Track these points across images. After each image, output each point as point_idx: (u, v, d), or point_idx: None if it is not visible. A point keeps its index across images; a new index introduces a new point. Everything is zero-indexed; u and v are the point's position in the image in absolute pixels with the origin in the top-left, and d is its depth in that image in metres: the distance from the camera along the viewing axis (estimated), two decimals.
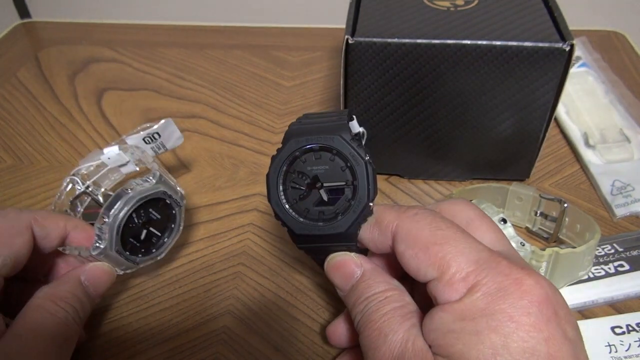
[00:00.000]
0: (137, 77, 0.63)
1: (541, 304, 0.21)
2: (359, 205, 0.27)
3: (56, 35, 0.72)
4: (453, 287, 0.23)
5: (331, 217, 0.28)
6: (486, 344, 0.21)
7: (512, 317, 0.21)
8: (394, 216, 0.26)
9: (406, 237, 0.25)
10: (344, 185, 0.28)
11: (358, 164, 0.27)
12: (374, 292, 0.26)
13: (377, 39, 0.38)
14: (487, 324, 0.21)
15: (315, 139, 0.28)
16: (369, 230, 0.27)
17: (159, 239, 0.37)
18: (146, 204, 0.35)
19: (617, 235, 0.41)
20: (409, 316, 0.24)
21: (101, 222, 0.33)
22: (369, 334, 0.25)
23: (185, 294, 0.38)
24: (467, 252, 0.23)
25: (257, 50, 0.67)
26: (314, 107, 0.57)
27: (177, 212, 0.37)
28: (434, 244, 0.24)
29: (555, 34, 0.38)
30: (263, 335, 0.35)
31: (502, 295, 0.22)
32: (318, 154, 0.28)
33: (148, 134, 0.39)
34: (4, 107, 0.58)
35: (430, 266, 0.24)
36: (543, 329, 0.21)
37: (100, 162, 0.38)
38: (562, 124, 0.52)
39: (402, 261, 0.25)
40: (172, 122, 0.41)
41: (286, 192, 0.29)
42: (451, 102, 0.40)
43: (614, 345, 0.33)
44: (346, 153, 0.27)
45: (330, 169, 0.28)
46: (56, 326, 0.29)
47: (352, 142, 0.27)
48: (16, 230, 0.30)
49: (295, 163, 0.29)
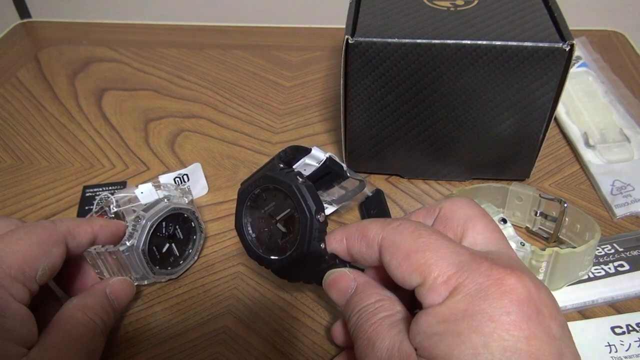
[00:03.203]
0: (137, 77, 0.63)
1: (522, 302, 0.22)
2: (305, 223, 0.28)
3: (56, 35, 0.72)
4: (436, 291, 0.23)
5: (294, 242, 0.29)
6: (467, 345, 0.21)
7: (492, 317, 0.21)
8: (379, 229, 0.27)
9: (390, 247, 0.26)
10: (291, 210, 0.30)
11: (288, 188, 0.29)
12: (365, 303, 0.27)
13: (377, 39, 0.38)
14: (467, 325, 0.22)
15: (255, 183, 0.31)
16: (357, 245, 0.28)
17: (177, 259, 0.39)
18: (175, 217, 0.38)
19: (617, 235, 0.41)
20: (396, 323, 0.25)
21: (136, 221, 0.35)
22: (360, 343, 0.26)
23: (185, 294, 0.38)
24: (447, 256, 0.24)
25: (257, 50, 0.67)
26: (314, 107, 0.57)
27: (197, 238, 0.40)
28: (416, 251, 0.24)
29: (555, 34, 0.38)
30: (263, 335, 0.35)
31: (483, 296, 0.22)
32: (263, 195, 0.31)
33: (179, 174, 0.44)
34: (4, 107, 0.58)
35: (413, 273, 0.24)
36: (524, 328, 0.21)
37: (134, 196, 0.40)
38: (562, 124, 0.52)
39: (389, 272, 0.26)
40: (200, 167, 0.45)
41: (258, 239, 0.32)
42: (451, 102, 0.40)
43: (614, 345, 0.33)
44: (278, 182, 0.30)
45: (276, 203, 0.30)
46: (88, 336, 0.30)
47: (280, 172, 0.30)
48: (53, 240, 0.31)
49: (253, 212, 0.32)
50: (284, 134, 0.53)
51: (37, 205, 0.46)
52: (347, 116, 0.43)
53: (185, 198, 0.39)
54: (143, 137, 0.53)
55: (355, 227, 0.28)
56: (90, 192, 0.47)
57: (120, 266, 0.36)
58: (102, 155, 0.51)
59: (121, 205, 0.40)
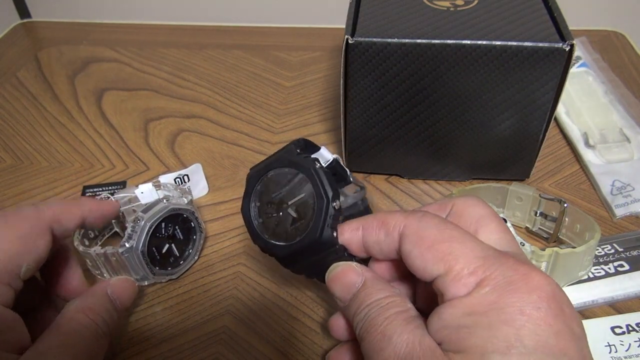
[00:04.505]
0: (137, 77, 0.63)
1: (549, 299, 0.22)
2: (320, 207, 0.28)
3: (56, 35, 0.72)
4: (461, 282, 0.23)
5: (305, 229, 0.29)
6: (499, 337, 0.21)
7: (522, 311, 0.21)
8: (401, 218, 0.26)
9: (413, 236, 0.25)
10: (305, 196, 0.29)
11: (307, 172, 0.28)
12: (376, 297, 0.26)
13: (377, 39, 0.38)
14: (498, 317, 0.21)
15: (268, 166, 0.30)
16: (375, 233, 0.27)
17: (177, 260, 0.39)
18: (174, 218, 0.38)
19: (617, 235, 0.41)
20: (412, 319, 0.24)
21: (135, 222, 0.35)
22: (371, 338, 0.25)
23: (185, 294, 0.38)
24: (474, 248, 0.24)
25: (257, 50, 0.67)
26: (314, 107, 0.57)
27: (197, 239, 0.40)
28: (441, 241, 0.24)
29: (555, 34, 0.38)
30: (263, 335, 0.35)
31: (512, 289, 0.22)
32: (276, 180, 0.30)
33: (179, 175, 0.43)
34: (4, 107, 0.58)
35: (437, 262, 0.24)
36: (552, 324, 0.21)
37: (134, 196, 0.40)
38: (562, 124, 0.52)
39: (408, 261, 0.25)
40: (200, 168, 0.45)
41: (264, 225, 0.31)
42: (451, 102, 0.40)
43: (614, 345, 0.33)
44: (295, 165, 0.29)
45: (290, 188, 0.30)
46: (89, 338, 0.29)
47: (298, 156, 0.29)
48: (37, 231, 0.30)
49: (262, 197, 0.31)
50: (284, 134, 0.53)
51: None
52: (347, 116, 0.43)
53: (185, 198, 0.39)
54: (143, 137, 0.53)
55: (372, 216, 0.28)
56: (90, 192, 0.47)
57: (120, 267, 0.36)
58: (102, 155, 0.51)
59: (121, 206, 0.40)
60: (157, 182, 0.40)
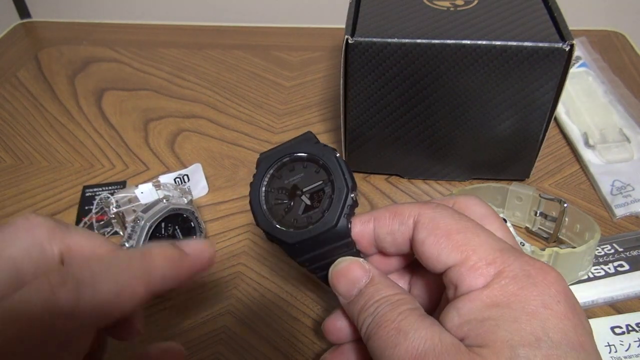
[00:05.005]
0: (137, 77, 0.63)
1: (566, 294, 0.22)
2: (340, 196, 0.28)
3: (56, 35, 0.72)
4: (478, 272, 0.23)
5: (319, 217, 0.28)
6: (528, 330, 0.21)
7: (545, 304, 0.21)
8: (416, 207, 0.26)
9: (429, 224, 0.25)
10: (322, 184, 0.29)
11: (329, 160, 0.28)
12: (387, 294, 0.25)
13: (377, 39, 0.38)
14: (523, 310, 0.21)
15: (283, 151, 0.30)
16: (388, 223, 0.27)
17: None
18: (174, 218, 0.38)
19: (617, 235, 0.41)
20: (426, 316, 0.24)
21: (135, 222, 0.35)
22: (383, 334, 0.23)
23: (186, 294, 0.38)
24: (490, 240, 0.24)
25: (257, 50, 0.67)
26: (314, 107, 0.57)
27: (197, 238, 0.40)
28: (458, 231, 0.24)
29: (555, 34, 0.38)
30: (263, 335, 0.35)
31: (532, 282, 0.22)
32: (291, 165, 0.30)
33: (179, 175, 0.43)
34: (4, 107, 0.58)
35: (453, 251, 0.24)
36: (571, 318, 0.21)
37: (134, 196, 0.40)
38: (562, 124, 0.52)
39: (422, 249, 0.25)
40: (200, 168, 0.45)
41: (271, 211, 0.30)
42: (451, 102, 0.40)
43: (614, 345, 0.33)
44: (315, 152, 0.29)
45: (305, 175, 0.29)
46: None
47: (316, 144, 0.29)
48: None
49: (273, 182, 0.30)
50: (284, 134, 0.53)
51: (37, 205, 0.46)
52: (346, 116, 0.43)
53: (185, 198, 0.39)
54: (143, 137, 0.53)
55: (384, 208, 0.28)
56: (90, 192, 0.47)
57: None
58: (102, 155, 0.51)
59: (121, 206, 0.40)
60: (157, 182, 0.40)
